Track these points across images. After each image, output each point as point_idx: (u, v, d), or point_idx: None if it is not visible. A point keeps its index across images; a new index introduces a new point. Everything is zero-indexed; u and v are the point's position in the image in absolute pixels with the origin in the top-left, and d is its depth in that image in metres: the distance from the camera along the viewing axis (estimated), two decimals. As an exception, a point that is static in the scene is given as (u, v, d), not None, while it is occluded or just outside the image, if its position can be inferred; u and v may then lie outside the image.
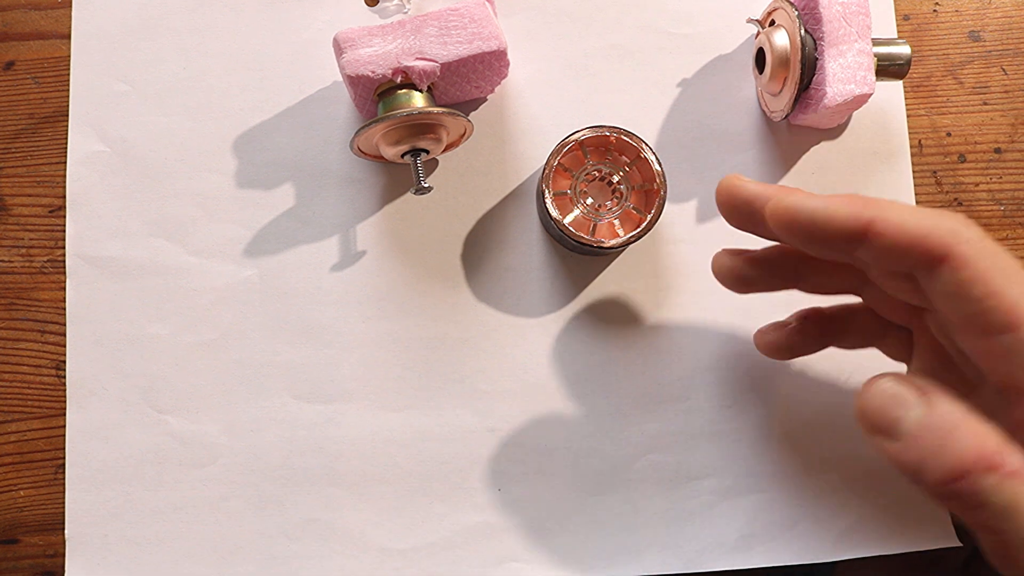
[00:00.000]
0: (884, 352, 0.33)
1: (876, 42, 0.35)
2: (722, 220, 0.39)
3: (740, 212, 0.29)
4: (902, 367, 0.33)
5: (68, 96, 0.38)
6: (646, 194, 0.35)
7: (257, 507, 0.36)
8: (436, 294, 0.37)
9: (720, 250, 0.32)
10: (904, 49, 0.35)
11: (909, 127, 0.38)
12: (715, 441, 0.36)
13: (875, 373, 0.37)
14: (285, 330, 0.37)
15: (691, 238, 0.37)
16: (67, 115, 0.38)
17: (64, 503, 0.36)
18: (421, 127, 0.33)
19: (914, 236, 0.25)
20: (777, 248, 0.32)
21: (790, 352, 0.34)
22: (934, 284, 0.26)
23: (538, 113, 0.38)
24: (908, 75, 0.37)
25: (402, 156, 0.34)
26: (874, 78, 0.34)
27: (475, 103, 0.38)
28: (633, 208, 0.35)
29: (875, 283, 0.30)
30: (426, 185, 0.34)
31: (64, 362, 0.37)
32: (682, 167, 0.37)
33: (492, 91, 0.37)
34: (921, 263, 0.25)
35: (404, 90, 0.33)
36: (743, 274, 0.32)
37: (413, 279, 0.37)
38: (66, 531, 0.36)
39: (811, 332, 0.34)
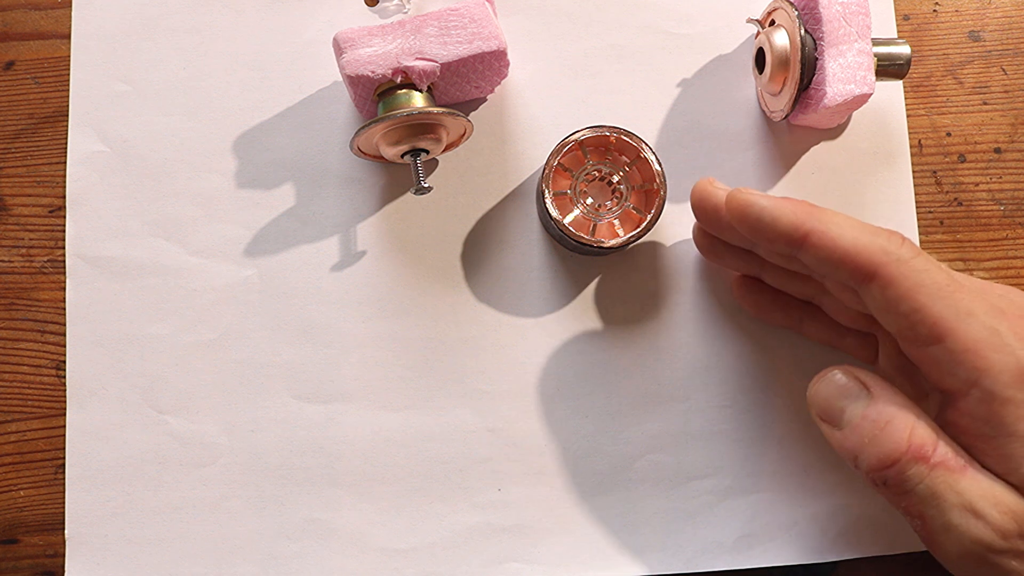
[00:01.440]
0: (847, 353, 0.35)
1: (876, 42, 0.35)
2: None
3: (707, 212, 0.32)
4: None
5: (68, 96, 0.38)
6: (646, 194, 0.35)
7: (257, 507, 0.36)
8: (436, 294, 0.37)
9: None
10: (904, 49, 0.35)
11: (909, 127, 0.38)
12: (715, 441, 0.36)
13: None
14: (285, 330, 0.37)
15: (691, 238, 0.37)
16: (67, 115, 0.38)
17: (64, 503, 0.36)
18: (421, 127, 0.33)
19: (845, 253, 0.27)
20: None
21: (756, 307, 0.36)
22: (867, 298, 0.28)
23: (538, 113, 0.38)
24: (908, 75, 0.37)
25: (402, 156, 0.34)
26: (874, 78, 0.34)
27: (475, 103, 0.38)
28: (633, 208, 0.35)
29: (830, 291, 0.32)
30: (426, 185, 0.34)
31: (64, 362, 0.37)
32: (682, 167, 0.37)
33: (492, 91, 0.37)
34: (853, 278, 0.28)
35: (404, 90, 0.33)
36: (714, 244, 0.35)
37: (413, 279, 0.37)
38: (66, 531, 0.36)
39: (779, 299, 0.35)
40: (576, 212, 0.35)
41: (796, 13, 0.33)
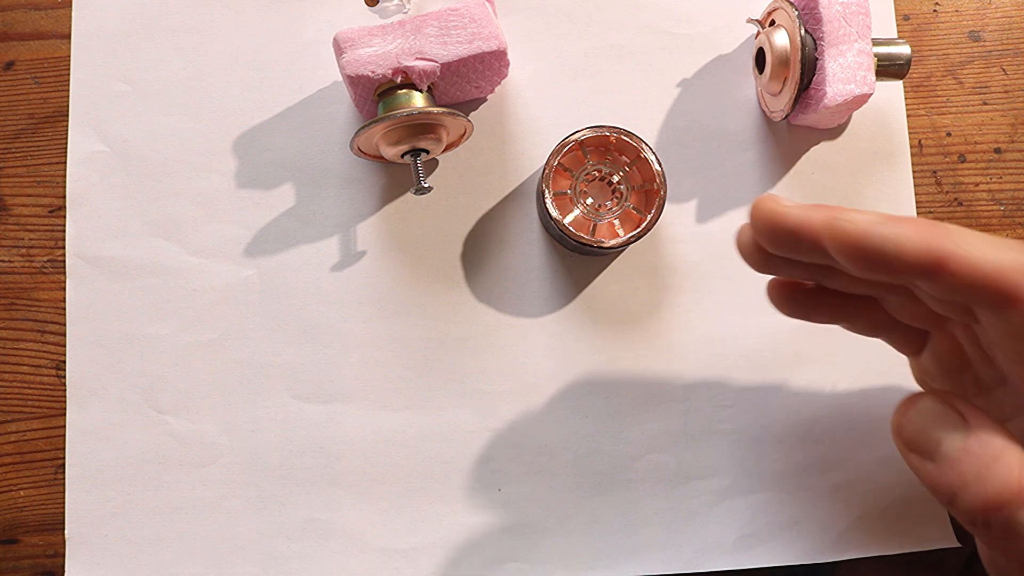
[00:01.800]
0: (891, 344, 0.32)
1: (876, 42, 0.35)
2: (722, 220, 0.38)
3: (784, 240, 0.27)
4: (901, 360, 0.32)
5: (68, 96, 0.38)
6: (646, 194, 0.35)
7: (257, 507, 0.36)
8: (436, 294, 0.37)
9: (745, 224, 0.29)
10: (904, 49, 0.35)
11: (909, 127, 0.38)
12: (715, 441, 0.36)
13: (877, 376, 0.37)
14: (285, 330, 0.37)
15: (691, 238, 0.37)
16: (67, 115, 0.38)
17: (64, 503, 0.36)
18: (421, 127, 0.33)
19: (987, 277, 0.23)
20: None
21: (794, 308, 0.31)
22: (999, 322, 0.25)
23: (538, 113, 0.38)
24: (908, 75, 0.37)
25: (402, 156, 0.34)
26: (874, 78, 0.34)
27: (475, 103, 0.38)
28: (633, 208, 0.35)
29: (906, 294, 0.28)
30: (426, 185, 0.34)
31: (64, 362, 0.37)
32: (682, 167, 0.37)
33: (492, 91, 0.37)
34: (990, 303, 0.24)
35: (404, 90, 0.33)
36: (770, 259, 0.29)
37: (413, 279, 0.37)
38: (66, 531, 0.36)
39: (826, 300, 0.31)
40: (576, 212, 0.35)
41: (796, 13, 0.33)
